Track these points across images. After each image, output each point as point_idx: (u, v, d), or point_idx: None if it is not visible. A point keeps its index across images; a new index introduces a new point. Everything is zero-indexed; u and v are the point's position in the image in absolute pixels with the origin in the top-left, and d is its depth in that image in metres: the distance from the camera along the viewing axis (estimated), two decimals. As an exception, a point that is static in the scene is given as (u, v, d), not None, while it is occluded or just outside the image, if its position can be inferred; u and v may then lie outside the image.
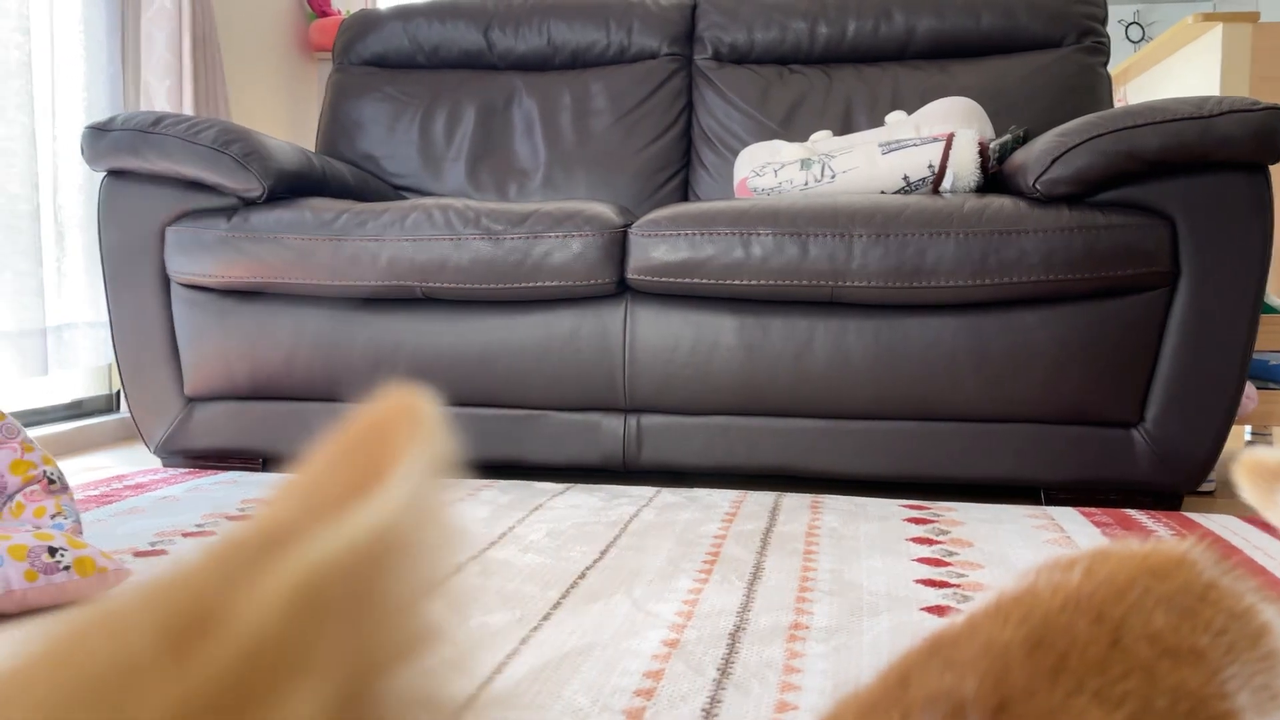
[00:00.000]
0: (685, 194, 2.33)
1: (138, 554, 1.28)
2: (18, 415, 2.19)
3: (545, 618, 1.04)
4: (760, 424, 1.70)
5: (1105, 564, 0.36)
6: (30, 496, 1.17)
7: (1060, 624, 0.32)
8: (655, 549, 1.31)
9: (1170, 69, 3.15)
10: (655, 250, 1.66)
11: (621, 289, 1.73)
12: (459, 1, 2.44)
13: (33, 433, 2.11)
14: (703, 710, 0.82)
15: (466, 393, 1.77)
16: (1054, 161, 1.54)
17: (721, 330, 1.67)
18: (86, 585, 1.07)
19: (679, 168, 2.33)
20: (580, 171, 2.31)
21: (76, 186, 2.19)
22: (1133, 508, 1.63)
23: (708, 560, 1.26)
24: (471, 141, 2.35)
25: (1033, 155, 1.60)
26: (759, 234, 1.62)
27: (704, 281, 1.64)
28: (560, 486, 1.72)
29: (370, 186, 2.25)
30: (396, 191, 2.37)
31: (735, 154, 2.26)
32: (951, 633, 0.33)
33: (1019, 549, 1.33)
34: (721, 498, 1.63)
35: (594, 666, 0.91)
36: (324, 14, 3.21)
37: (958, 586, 1.16)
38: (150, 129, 1.78)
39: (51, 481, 1.18)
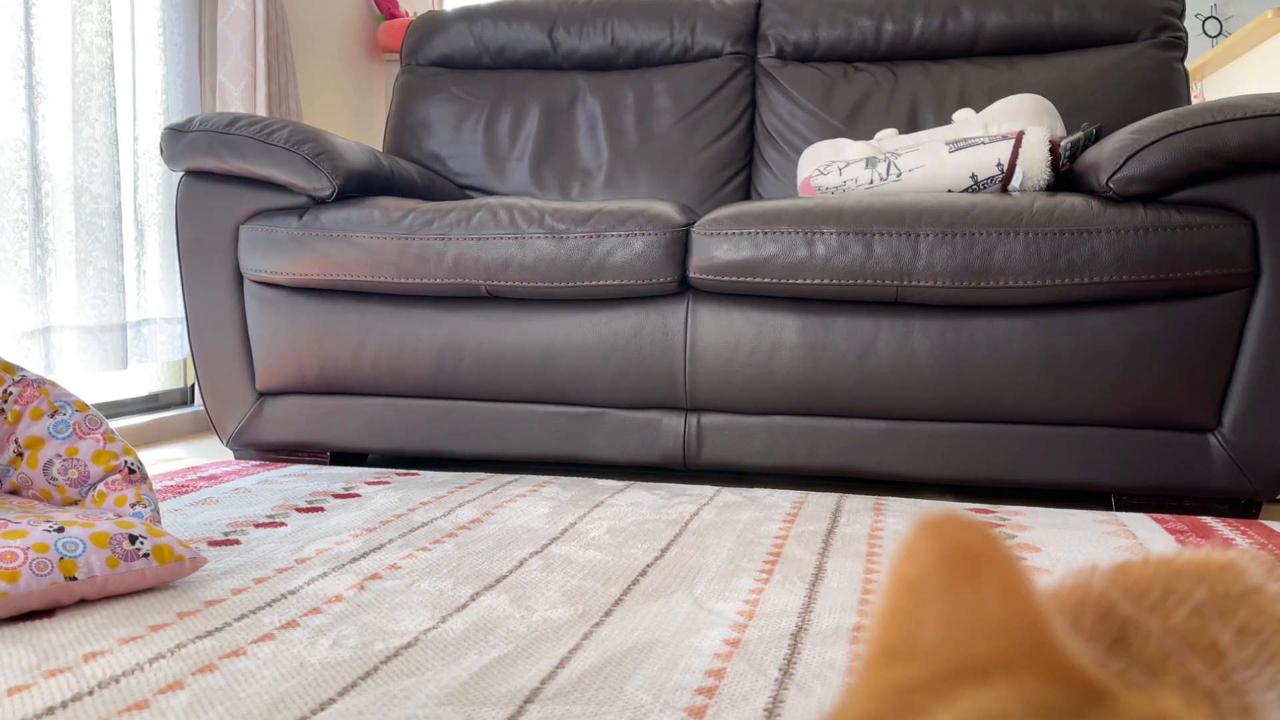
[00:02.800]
0: (748, 193, 2.32)
1: (212, 543, 1.31)
2: (98, 407, 2.27)
3: (607, 614, 1.05)
4: (822, 424, 1.69)
5: (1141, 567, 0.37)
6: (111, 485, 1.21)
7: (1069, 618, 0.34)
8: (716, 548, 1.31)
9: (1249, 64, 3.06)
10: (717, 249, 1.66)
11: (683, 288, 1.73)
12: (523, 2, 2.46)
13: (112, 424, 2.18)
14: (765, 710, 0.82)
15: (529, 390, 1.79)
16: (1128, 159, 1.51)
17: (783, 330, 1.67)
18: (165, 572, 1.10)
19: (741, 166, 2.32)
20: (642, 171, 2.32)
21: (155, 186, 2.26)
22: (1208, 515, 1.58)
23: (769, 560, 1.26)
24: (535, 141, 2.37)
25: (1105, 153, 1.56)
26: (823, 233, 1.61)
27: (766, 281, 1.64)
28: (621, 484, 1.73)
29: (436, 186, 2.29)
30: (462, 191, 2.41)
31: (798, 153, 2.25)
32: None
33: (1088, 554, 1.30)
34: (782, 498, 1.62)
35: (656, 663, 0.91)
36: (392, 16, 3.27)
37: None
38: (226, 130, 1.83)
39: (132, 471, 1.22)
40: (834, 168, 1.91)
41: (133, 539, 1.09)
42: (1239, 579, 0.36)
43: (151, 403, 2.42)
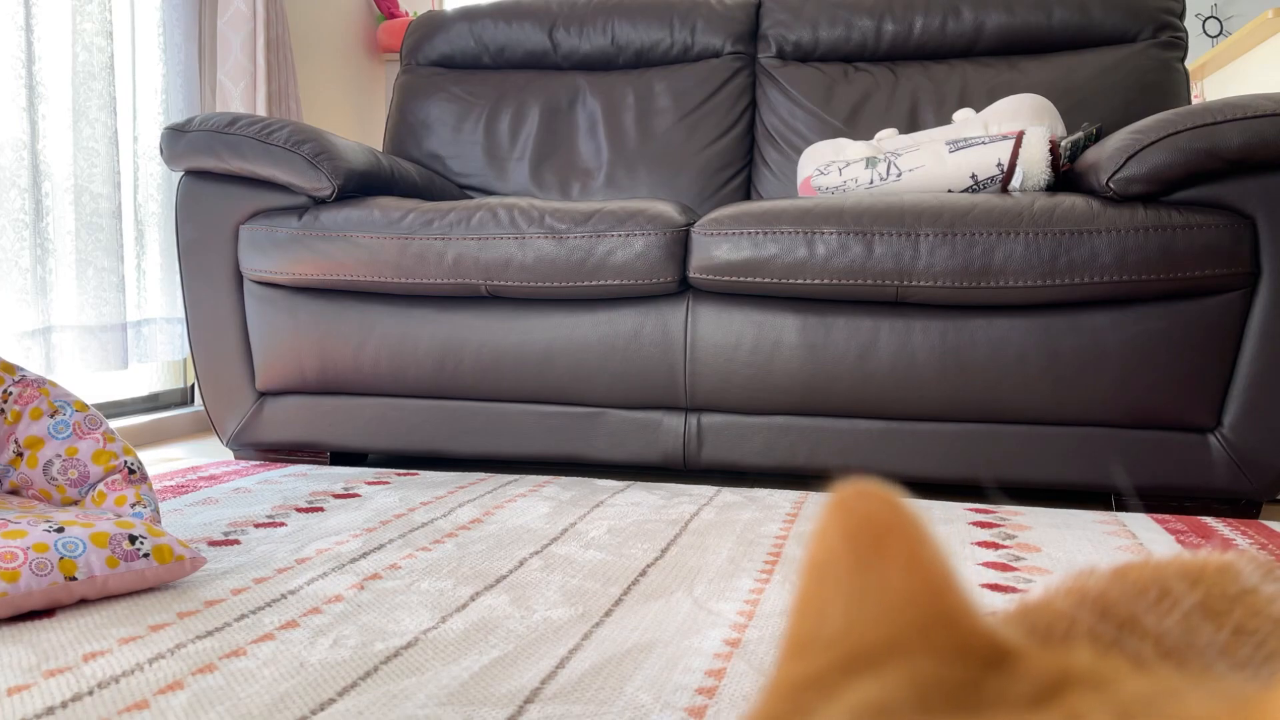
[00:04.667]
0: (748, 193, 2.32)
1: (212, 543, 1.31)
2: (98, 407, 2.27)
3: (607, 614, 1.05)
4: (822, 424, 1.69)
5: (1139, 569, 0.37)
6: (111, 485, 1.21)
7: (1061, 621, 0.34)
8: (716, 548, 1.31)
9: (1249, 64, 3.06)
10: (717, 249, 1.66)
11: (683, 288, 1.73)
12: (524, 2, 2.46)
13: (112, 424, 2.18)
14: (765, 710, 0.82)
15: (529, 390, 1.79)
16: (1129, 159, 1.51)
17: (784, 330, 1.67)
18: (165, 572, 1.10)
19: (741, 166, 2.32)
20: (643, 171, 2.32)
21: (155, 185, 2.26)
22: (1208, 515, 1.58)
23: (769, 560, 1.26)
24: (535, 141, 2.37)
25: (1106, 153, 1.56)
26: (823, 233, 1.61)
27: (766, 281, 1.64)
28: (621, 484, 1.73)
29: (436, 186, 2.29)
30: (462, 191, 2.41)
31: (799, 153, 2.25)
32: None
33: (1088, 554, 1.30)
34: (783, 498, 1.62)
35: (656, 663, 0.91)
36: (392, 16, 3.27)
37: (1025, 592, 1.14)
38: (226, 130, 1.83)
39: (132, 471, 1.22)
40: (834, 168, 1.91)
41: (133, 539, 1.09)
42: (1235, 580, 0.37)
43: (151, 403, 2.42)
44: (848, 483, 0.24)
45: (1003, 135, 1.79)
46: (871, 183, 1.86)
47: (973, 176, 1.77)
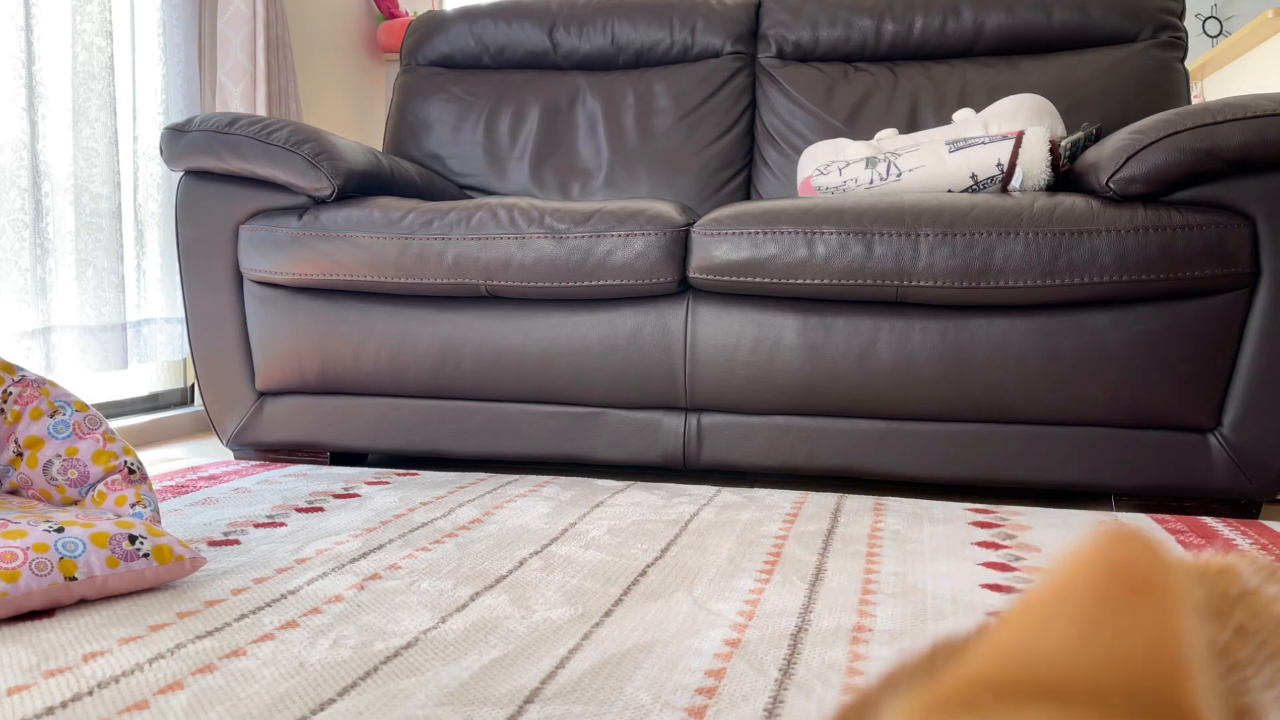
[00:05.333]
0: (748, 193, 2.32)
1: (212, 543, 1.31)
2: (98, 407, 2.27)
3: (607, 614, 1.05)
4: (822, 424, 1.69)
5: None
6: (111, 485, 1.21)
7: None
8: (716, 548, 1.31)
9: (1249, 64, 3.06)
10: (717, 249, 1.66)
11: (683, 288, 1.73)
12: (523, 2, 2.46)
13: (112, 424, 2.18)
14: (765, 710, 0.82)
15: (529, 390, 1.79)
16: (1128, 159, 1.51)
17: (784, 330, 1.67)
18: (165, 572, 1.10)
19: (741, 167, 2.32)
20: (642, 171, 2.32)
21: (155, 185, 2.26)
22: (1208, 515, 1.58)
23: (769, 560, 1.26)
24: (535, 141, 2.37)
25: (1106, 153, 1.56)
26: (823, 233, 1.61)
27: (766, 281, 1.64)
28: (621, 484, 1.73)
29: (436, 186, 2.29)
30: (462, 191, 2.41)
31: (799, 153, 2.25)
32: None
33: (1088, 555, 1.30)
34: (782, 498, 1.62)
35: (656, 663, 0.91)
36: (392, 16, 3.27)
37: (1025, 592, 1.14)
38: (226, 130, 1.83)
39: (131, 471, 1.22)
40: (834, 168, 1.91)
41: (133, 539, 1.09)
42: (1236, 581, 0.37)
43: (151, 403, 2.42)
44: (1115, 524, 0.23)
45: (1003, 135, 1.79)
46: (871, 183, 1.86)
47: (973, 176, 1.77)
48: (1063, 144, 1.80)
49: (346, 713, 0.80)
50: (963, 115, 1.98)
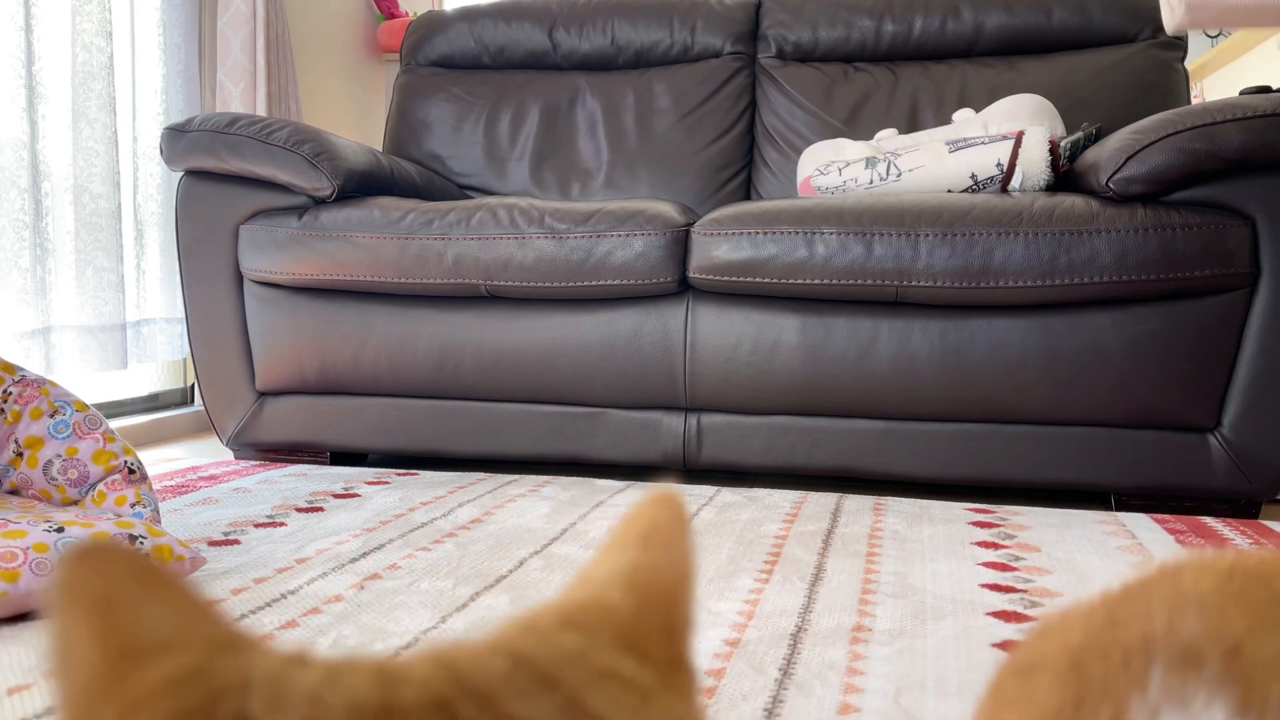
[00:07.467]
0: (748, 193, 2.32)
1: (212, 543, 1.31)
2: (98, 407, 2.27)
3: (607, 614, 1.05)
4: (822, 424, 1.69)
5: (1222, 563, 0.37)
6: (111, 485, 1.21)
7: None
8: (716, 548, 1.31)
9: (1249, 64, 3.06)
10: (717, 249, 1.66)
11: (683, 288, 1.73)
12: (523, 2, 2.46)
13: (112, 424, 2.18)
14: (764, 709, 0.82)
15: (529, 390, 1.79)
16: (1128, 159, 1.51)
17: (783, 330, 1.67)
18: (164, 572, 1.10)
19: (741, 167, 2.32)
20: (642, 171, 2.32)
21: (155, 186, 2.26)
22: (1208, 515, 1.58)
23: (769, 560, 1.26)
24: (535, 141, 2.37)
25: (1105, 153, 1.56)
26: (823, 233, 1.61)
27: (766, 281, 1.64)
28: (620, 484, 1.73)
29: (436, 186, 2.29)
30: (462, 191, 2.41)
31: (799, 153, 2.25)
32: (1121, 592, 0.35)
33: (1088, 555, 1.30)
34: (782, 498, 1.62)
35: (656, 663, 0.91)
36: (392, 16, 3.27)
37: (1025, 592, 1.14)
38: (226, 130, 1.83)
39: (132, 471, 1.22)
40: (834, 168, 1.91)
41: (133, 539, 1.09)
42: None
43: (151, 403, 2.42)
44: (659, 489, 0.33)
45: (1002, 135, 1.79)
46: (871, 183, 1.86)
47: (972, 177, 1.77)
48: (1062, 144, 1.80)
49: (346, 712, 0.80)
50: (962, 115, 1.98)
